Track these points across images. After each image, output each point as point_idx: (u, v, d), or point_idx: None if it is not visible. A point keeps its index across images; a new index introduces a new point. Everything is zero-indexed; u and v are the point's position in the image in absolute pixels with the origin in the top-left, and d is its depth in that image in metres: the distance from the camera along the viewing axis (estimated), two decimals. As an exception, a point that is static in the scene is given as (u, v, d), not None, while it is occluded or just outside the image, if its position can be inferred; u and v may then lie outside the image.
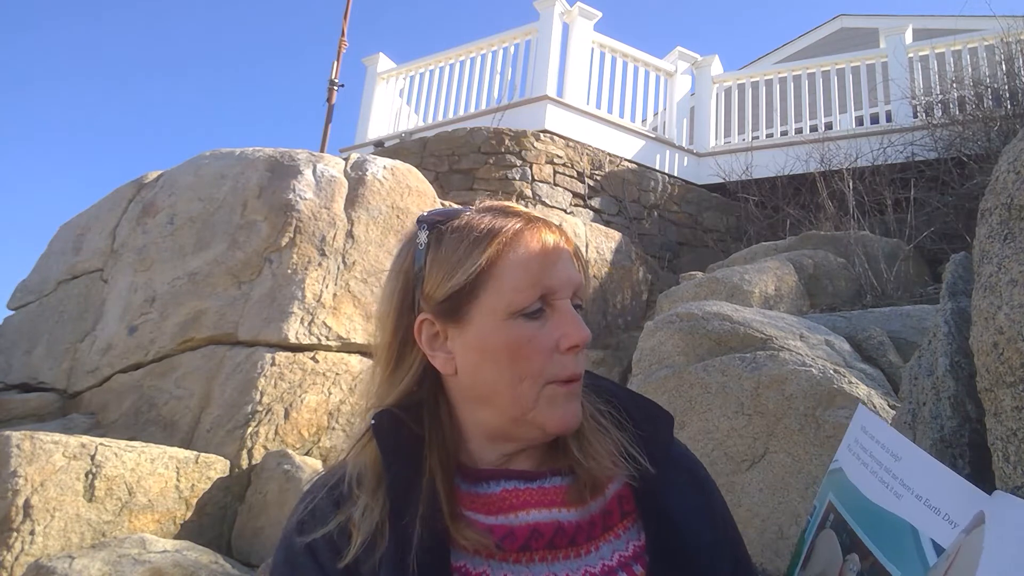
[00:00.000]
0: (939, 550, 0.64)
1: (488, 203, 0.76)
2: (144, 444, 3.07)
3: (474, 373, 0.71)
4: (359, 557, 0.67)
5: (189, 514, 3.00)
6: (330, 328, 3.74)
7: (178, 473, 3.00)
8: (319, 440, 3.47)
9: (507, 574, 0.68)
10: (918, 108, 6.22)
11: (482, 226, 0.71)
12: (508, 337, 0.69)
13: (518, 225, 0.72)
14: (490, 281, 0.69)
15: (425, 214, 0.75)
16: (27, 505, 2.61)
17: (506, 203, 0.76)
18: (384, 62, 7.62)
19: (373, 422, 0.72)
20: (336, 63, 7.62)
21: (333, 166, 4.28)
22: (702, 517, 0.76)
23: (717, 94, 7.35)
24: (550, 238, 0.73)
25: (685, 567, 0.70)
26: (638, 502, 0.74)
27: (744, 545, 0.81)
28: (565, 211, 5.92)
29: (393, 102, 7.61)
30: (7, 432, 2.77)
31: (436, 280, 0.71)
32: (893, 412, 1.85)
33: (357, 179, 4.23)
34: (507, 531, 0.70)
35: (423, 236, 0.73)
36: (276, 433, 3.36)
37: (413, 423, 0.73)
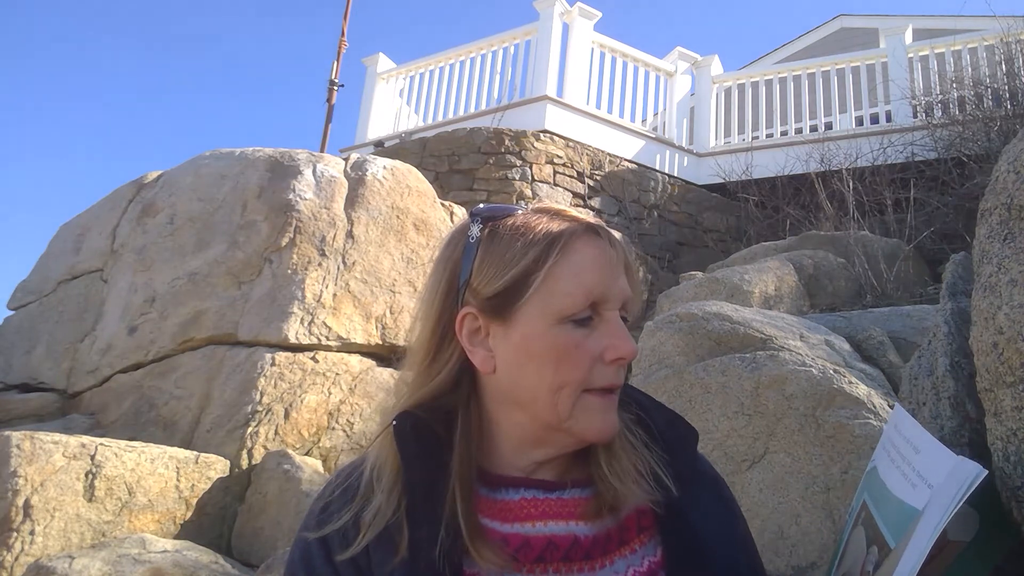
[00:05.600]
0: None
1: (544, 205, 0.75)
2: (144, 444, 3.07)
3: (514, 374, 0.70)
4: (375, 561, 0.67)
5: (189, 514, 3.00)
6: (330, 328, 3.74)
7: (178, 473, 3.00)
8: (319, 440, 3.47)
9: None
10: (918, 108, 6.22)
11: (540, 227, 0.70)
12: (554, 341, 0.68)
13: (577, 230, 0.70)
14: (543, 283, 0.68)
15: (480, 208, 0.74)
16: (27, 505, 2.61)
17: (562, 207, 0.75)
18: (384, 62, 7.62)
19: (395, 423, 0.71)
20: (336, 63, 7.63)
21: (333, 166, 4.28)
22: (724, 535, 0.75)
23: (717, 94, 7.35)
24: (607, 247, 0.71)
25: None
26: (658, 518, 0.73)
27: (760, 559, 0.81)
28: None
29: (393, 102, 7.61)
30: (7, 432, 2.77)
31: (487, 275, 0.69)
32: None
33: (357, 179, 4.23)
34: (523, 541, 0.68)
35: (475, 229, 0.72)
36: (276, 433, 3.36)
37: (438, 426, 0.71)
